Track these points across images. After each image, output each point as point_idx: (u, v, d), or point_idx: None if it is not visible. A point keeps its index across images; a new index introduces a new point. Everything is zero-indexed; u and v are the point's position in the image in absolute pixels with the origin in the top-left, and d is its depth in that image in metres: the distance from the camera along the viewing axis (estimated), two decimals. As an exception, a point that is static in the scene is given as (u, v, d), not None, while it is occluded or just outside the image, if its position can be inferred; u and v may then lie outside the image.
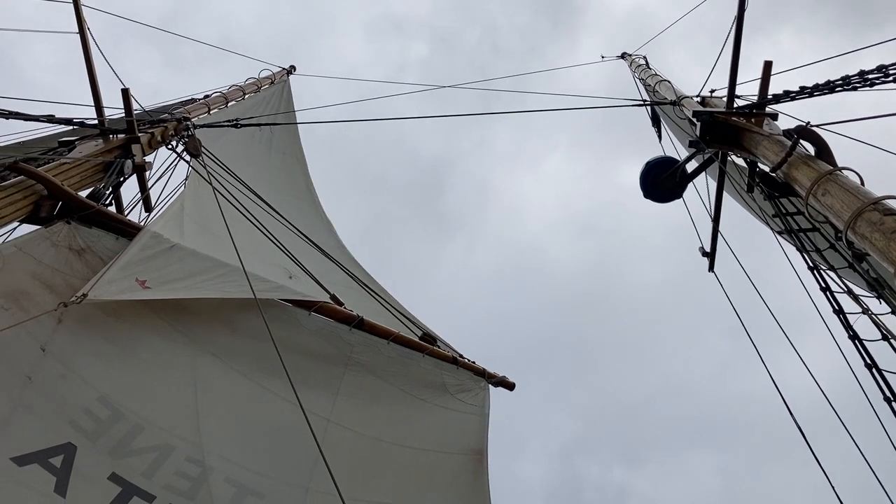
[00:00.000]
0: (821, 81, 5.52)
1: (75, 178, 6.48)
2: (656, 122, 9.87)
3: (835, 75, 5.43)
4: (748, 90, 6.75)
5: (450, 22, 41.54)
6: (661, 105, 8.88)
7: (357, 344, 7.57)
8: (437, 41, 40.38)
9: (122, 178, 7.17)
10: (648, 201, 7.56)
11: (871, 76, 5.13)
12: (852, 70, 5.27)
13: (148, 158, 7.62)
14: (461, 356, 8.42)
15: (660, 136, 10.80)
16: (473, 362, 8.42)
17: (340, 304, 7.82)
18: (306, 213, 11.92)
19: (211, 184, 7.53)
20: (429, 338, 8.48)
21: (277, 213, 8.19)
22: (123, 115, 7.37)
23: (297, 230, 8.37)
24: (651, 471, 29.92)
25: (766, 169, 5.73)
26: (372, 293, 8.93)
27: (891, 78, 5.00)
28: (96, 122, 7.34)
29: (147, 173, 7.60)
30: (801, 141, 5.25)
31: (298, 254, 8.24)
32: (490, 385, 8.31)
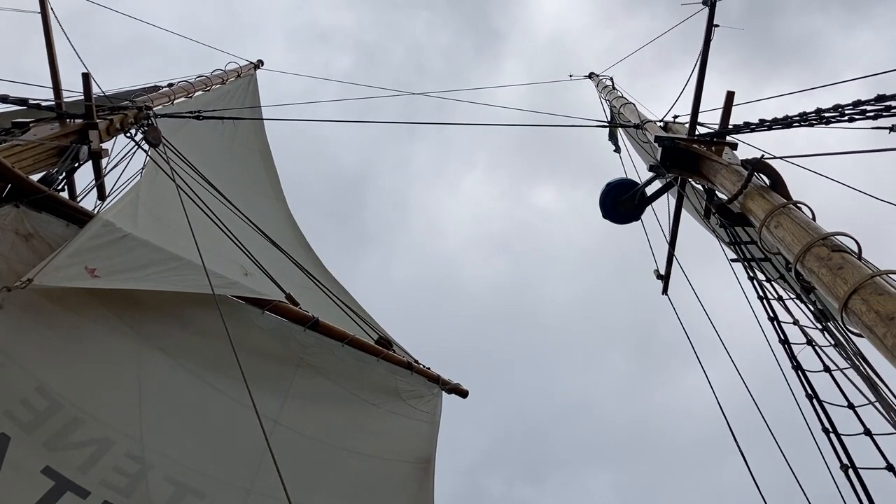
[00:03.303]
0: (780, 115, 5.65)
1: (27, 161, 6.31)
2: (614, 140, 9.97)
3: (794, 110, 5.57)
4: (709, 118, 6.89)
5: (374, 37, 41.72)
6: (624, 127, 8.99)
7: (310, 345, 7.48)
8: (360, 55, 40.53)
9: (76, 164, 7.00)
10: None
11: (827, 114, 5.26)
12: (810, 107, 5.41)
13: (105, 146, 7.45)
14: (416, 361, 8.39)
15: (619, 153, 10.92)
16: (428, 368, 8.38)
17: (296, 303, 7.73)
18: (269, 210, 11.77)
19: (172, 176, 7.40)
20: (385, 342, 8.42)
21: (235, 207, 8.07)
22: (82, 99, 7.20)
23: (256, 226, 8.26)
24: (552, 488, 30.47)
25: (724, 198, 5.84)
26: (329, 294, 8.84)
27: (846, 118, 5.13)
28: (53, 104, 7.15)
29: (103, 161, 7.43)
30: (757, 172, 5.35)
31: (256, 251, 8.13)
32: (443, 392, 8.29)
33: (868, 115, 4.98)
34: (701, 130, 6.94)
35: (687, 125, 7.05)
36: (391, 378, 7.89)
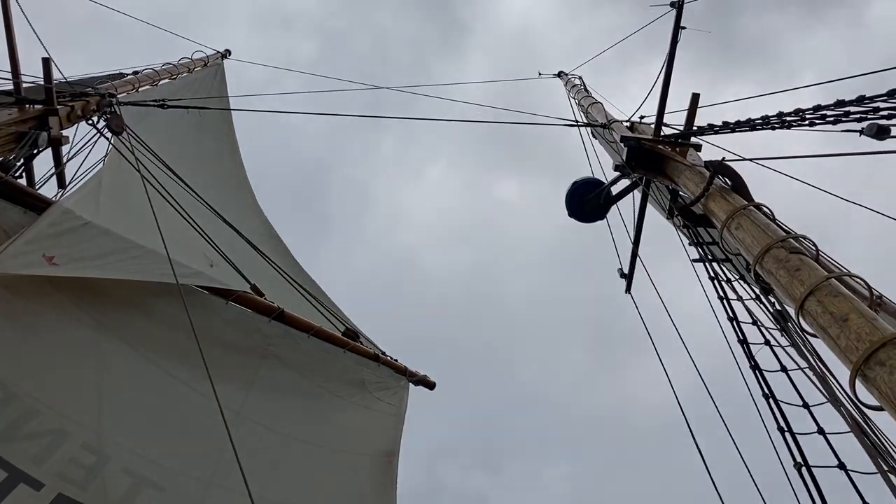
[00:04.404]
0: (743, 118, 5.73)
1: (-17, 146, 6.17)
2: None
3: (757, 112, 5.65)
4: (674, 119, 6.96)
5: (339, 24, 41.41)
6: (592, 127, 9.06)
7: (275, 336, 7.44)
8: (325, 42, 40.20)
9: (35, 151, 6.86)
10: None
11: (788, 118, 5.34)
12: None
13: (66, 133, 7.32)
14: (383, 353, 8.37)
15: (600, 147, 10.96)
16: (395, 360, 8.37)
17: (261, 294, 7.67)
18: (235, 200, 11.64)
19: (137, 165, 7.28)
20: (352, 333, 8.39)
21: (199, 197, 7.97)
22: (42, 84, 7.04)
23: (221, 216, 8.17)
24: (508, 477, 30.86)
25: (688, 196, 5.90)
26: (295, 285, 8.78)
27: (806, 122, 5.22)
28: (11, 88, 6.98)
29: (64, 148, 7.29)
30: (719, 174, 5.42)
31: (222, 241, 8.04)
32: (410, 383, 8.29)
33: (828, 119, 5.08)
34: (666, 131, 7.01)
35: (653, 125, 7.12)
36: (357, 370, 7.88)
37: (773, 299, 5.85)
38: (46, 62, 7.09)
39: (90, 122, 7.86)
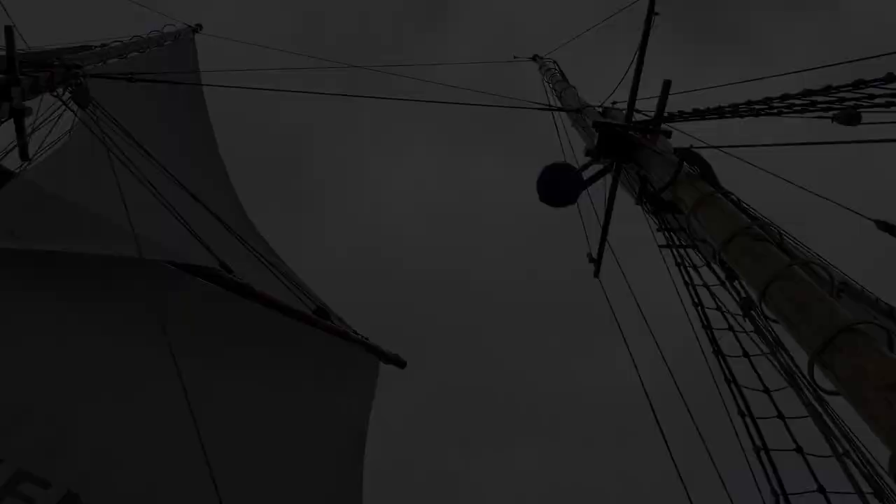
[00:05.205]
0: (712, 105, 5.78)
1: (-58, 116, 6.02)
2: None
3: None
4: (648, 105, 6.99)
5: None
6: (566, 111, 9.06)
7: (244, 314, 7.40)
8: (305, 14, 39.57)
9: (-4, 123, 6.72)
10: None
11: (756, 106, 5.40)
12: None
13: (30, 104, 7.15)
14: (355, 332, 8.35)
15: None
16: (366, 338, 8.35)
17: (230, 271, 7.61)
18: (206, 177, 11.48)
19: (101, 138, 7.16)
20: (322, 311, 8.35)
21: (168, 172, 7.86)
22: (4, 53, 6.88)
23: (190, 192, 8.07)
24: (480, 460, 31.19)
25: (658, 182, 5.95)
26: (265, 262, 8.71)
27: (775, 110, 5.28)
28: (-29, 57, 6.82)
29: (28, 120, 7.14)
30: (688, 161, 5.46)
31: (191, 217, 7.94)
32: (381, 362, 8.28)
33: (795, 108, 5.15)
34: (639, 117, 7.04)
35: (624, 111, 7.14)
36: (328, 349, 7.86)
37: (738, 286, 5.93)
38: (9, 31, 6.93)
39: (55, 93, 7.70)
